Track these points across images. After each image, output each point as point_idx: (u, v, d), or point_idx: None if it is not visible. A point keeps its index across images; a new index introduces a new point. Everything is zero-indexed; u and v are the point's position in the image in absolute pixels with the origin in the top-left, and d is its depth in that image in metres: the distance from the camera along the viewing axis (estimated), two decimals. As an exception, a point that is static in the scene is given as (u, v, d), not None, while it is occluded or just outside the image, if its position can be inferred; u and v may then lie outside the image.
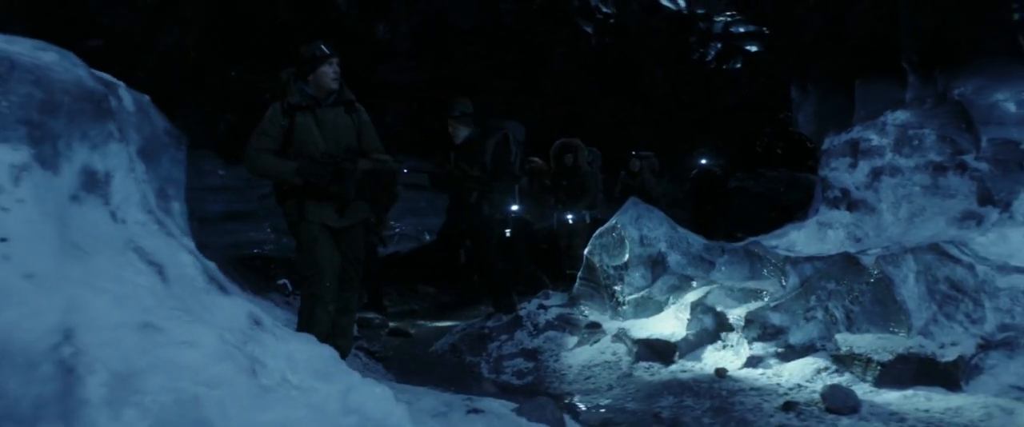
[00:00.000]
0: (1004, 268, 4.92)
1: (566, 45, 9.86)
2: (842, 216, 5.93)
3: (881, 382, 4.75)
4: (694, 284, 6.09)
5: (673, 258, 6.22)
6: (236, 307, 2.46)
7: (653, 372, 5.23)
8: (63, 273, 2.01)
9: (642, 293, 6.36)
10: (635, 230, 6.18)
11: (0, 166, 2.01)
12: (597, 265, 6.55)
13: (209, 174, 9.13)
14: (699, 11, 9.99)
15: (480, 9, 8.55)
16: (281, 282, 7.81)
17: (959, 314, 4.95)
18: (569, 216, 8.96)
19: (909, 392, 4.67)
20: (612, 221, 6.58)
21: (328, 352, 2.56)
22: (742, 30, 11.10)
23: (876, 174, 5.97)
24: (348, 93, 4.54)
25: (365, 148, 4.53)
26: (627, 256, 6.52)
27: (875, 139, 6.04)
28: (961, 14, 6.06)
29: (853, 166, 6.09)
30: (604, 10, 8.71)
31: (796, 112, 7.43)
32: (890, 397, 4.63)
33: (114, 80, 2.74)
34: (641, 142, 9.94)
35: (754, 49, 10.40)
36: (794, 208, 9.59)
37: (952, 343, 4.81)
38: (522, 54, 9.97)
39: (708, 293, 5.67)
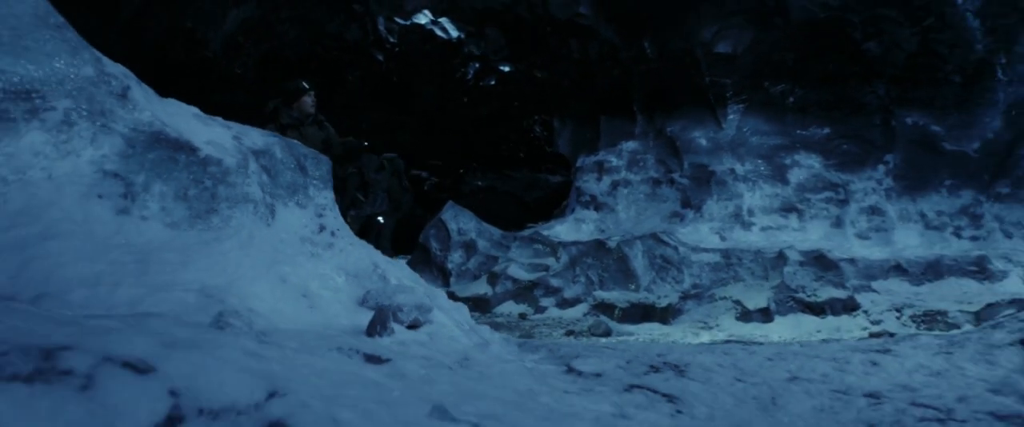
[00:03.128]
0: (696, 249, 9.92)
1: (362, 70, 13.49)
2: (592, 214, 10.61)
3: (622, 320, 9.30)
4: (498, 261, 10.27)
5: (481, 243, 10.23)
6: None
7: (477, 318, 9.38)
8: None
9: (462, 267, 10.28)
10: (454, 224, 10.28)
11: (295, 217, 5.11)
12: (430, 248, 10.62)
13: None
14: (461, 35, 14.52)
15: (305, 45, 11.78)
16: None
17: (669, 278, 9.81)
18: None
19: (641, 325, 9.33)
20: (438, 217, 10.73)
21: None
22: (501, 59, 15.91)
23: (615, 185, 10.80)
24: (319, 115, 7.96)
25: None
26: (451, 241, 10.46)
27: (614, 160, 10.91)
28: (673, 78, 11.33)
29: (599, 179, 10.85)
30: (391, 40, 12.59)
31: (557, 138, 12.28)
32: (629, 328, 9.19)
33: (311, 154, 5.71)
34: (407, 146, 13.88)
35: (506, 69, 15.13)
36: (534, 205, 14.32)
37: (664, 295, 9.62)
38: (330, 78, 13.60)
39: (507, 266, 9.87)
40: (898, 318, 9.09)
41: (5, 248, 2.95)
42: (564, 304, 9.27)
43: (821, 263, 9.53)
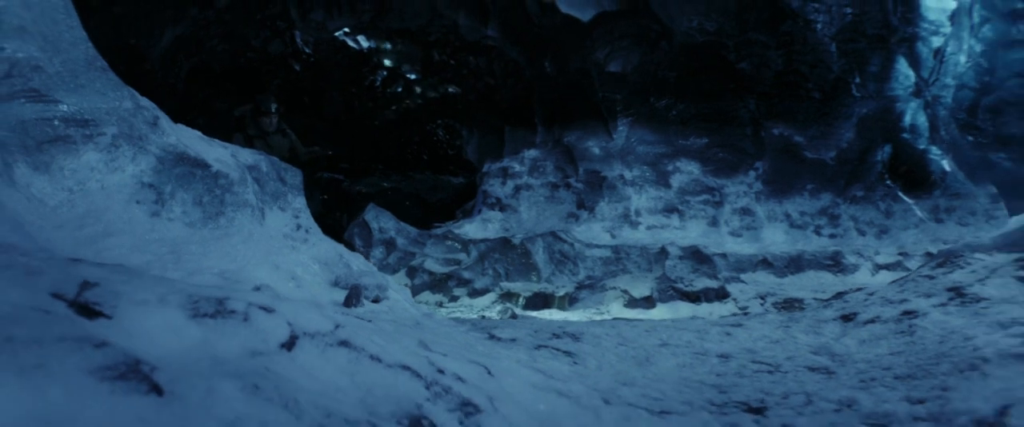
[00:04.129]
0: (590, 245, 11.28)
1: (281, 78, 14.44)
2: (497, 215, 11.84)
3: (526, 307, 10.58)
4: (415, 256, 11.41)
5: (400, 241, 11.34)
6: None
7: (390, 309, 10.66)
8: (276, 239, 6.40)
9: (384, 262, 11.38)
10: (376, 224, 11.34)
11: (278, 219, 6.25)
12: (354, 245, 11.62)
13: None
14: (372, 45, 15.76)
15: (230, 58, 12.72)
16: None
17: (566, 270, 11.14)
18: None
19: (542, 312, 10.61)
20: (362, 217, 11.76)
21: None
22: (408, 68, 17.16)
23: (518, 189, 12.07)
24: (283, 124, 8.93)
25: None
26: (373, 239, 11.53)
27: (517, 167, 12.18)
28: (571, 93, 12.67)
29: (503, 183, 12.09)
30: (306, 50, 13.55)
31: (465, 146, 13.49)
32: (532, 314, 10.46)
33: (288, 167, 6.81)
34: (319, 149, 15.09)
35: (413, 77, 16.27)
36: (438, 205, 15.55)
37: (562, 286, 10.95)
38: (250, 85, 14.68)
39: (424, 261, 11.03)
40: (761, 304, 10.59)
41: (83, 242, 4.01)
42: (475, 294, 10.49)
43: (698, 257, 10.97)
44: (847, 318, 6.90)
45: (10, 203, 3.58)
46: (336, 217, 14.11)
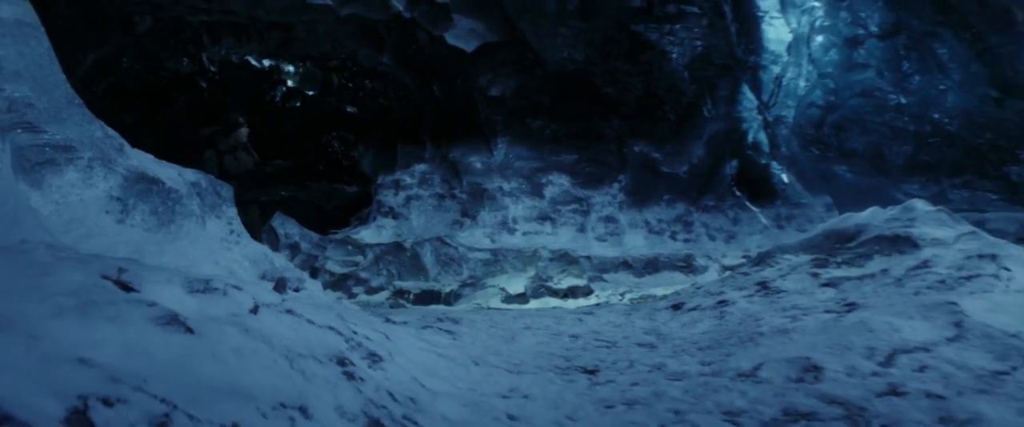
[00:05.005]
0: (472, 249, 12.53)
1: (188, 94, 15.19)
2: (391, 222, 12.98)
3: (416, 302, 11.74)
4: (318, 258, 12.46)
5: (304, 245, 12.34)
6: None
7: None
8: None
9: (290, 263, 12.41)
10: (282, 230, 12.33)
11: (216, 225, 7.28)
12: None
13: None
14: (273, 64, 16.79)
15: (142, 77, 13.53)
16: None
17: (451, 270, 12.37)
18: None
19: (430, 306, 11.82)
20: (269, 224, 12.74)
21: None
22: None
23: (409, 199, 13.25)
24: (247, 142, 9.80)
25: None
26: (280, 243, 12.52)
27: (408, 179, 13.36)
28: (456, 115, 13.94)
29: (396, 194, 13.24)
30: (212, 68, 14.39)
31: (362, 160, 14.60)
32: (422, 308, 11.68)
33: (222, 183, 7.79)
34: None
35: (310, 93, 17.27)
36: (333, 213, 16.59)
37: (448, 284, 12.16)
38: (159, 101, 15.40)
39: (326, 263, 12.10)
40: (620, 299, 12.01)
41: (72, 243, 5.07)
42: (371, 291, 11.63)
43: (566, 259, 12.34)
44: (676, 307, 8.31)
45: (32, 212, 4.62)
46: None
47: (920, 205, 9.43)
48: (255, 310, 3.77)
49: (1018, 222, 13.47)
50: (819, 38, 16.26)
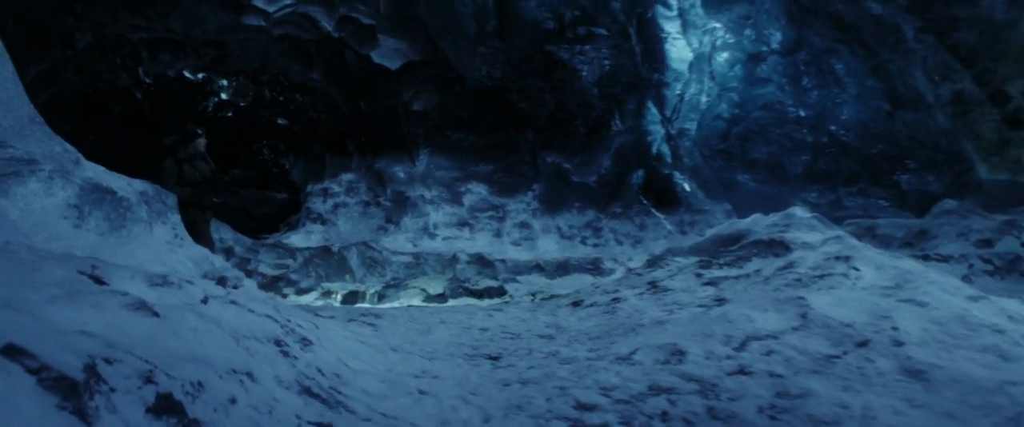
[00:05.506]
0: (395, 253, 13.17)
1: (124, 105, 15.48)
2: (319, 228, 13.55)
3: (343, 303, 12.38)
4: (251, 262, 12.95)
5: (238, 249, 12.80)
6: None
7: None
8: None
9: (225, 265, 12.86)
10: (217, 234, 12.74)
11: (162, 230, 7.82)
12: None
13: None
14: (205, 76, 17.20)
15: (81, 88, 13.90)
16: None
17: (376, 272, 13.00)
18: None
19: (356, 306, 12.42)
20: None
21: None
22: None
23: (336, 206, 13.84)
24: (205, 151, 10.13)
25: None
26: (214, 248, 12.95)
27: (336, 188, 13.95)
28: (382, 128, 14.64)
29: (324, 201, 13.82)
30: (147, 80, 14.77)
31: (292, 169, 15.11)
32: (348, 307, 12.29)
33: (167, 193, 8.29)
34: (155, 168, 16.22)
35: (242, 104, 17.70)
36: (263, 218, 17.05)
37: (373, 285, 12.79)
38: (96, 111, 15.70)
39: (258, 266, 12.61)
40: (532, 299, 12.78)
41: (40, 245, 5.61)
42: (301, 292, 12.20)
43: (482, 262, 13.06)
44: (576, 304, 9.08)
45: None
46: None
47: (798, 212, 10.32)
48: (205, 300, 4.40)
49: (906, 227, 14.11)
50: (724, 55, 16.95)
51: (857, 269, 7.81)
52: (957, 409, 5.04)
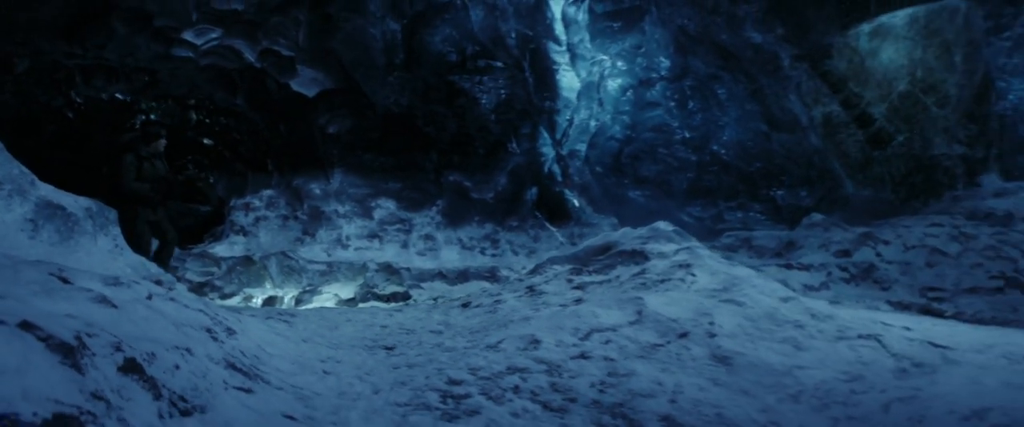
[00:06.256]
0: (311, 262, 13.96)
1: (57, 124, 15.84)
2: (242, 239, 14.24)
3: (264, 305, 13.11)
4: (177, 269, 13.54)
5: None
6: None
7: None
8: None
9: (159, 271, 13.46)
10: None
11: (104, 241, 8.54)
12: None
13: None
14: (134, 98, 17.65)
15: (16, 109, 14.29)
16: None
17: (293, 280, 13.78)
18: None
19: (275, 307, 13.19)
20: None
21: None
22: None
23: (257, 220, 14.56)
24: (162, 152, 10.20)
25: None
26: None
27: (257, 203, 14.67)
28: (300, 149, 15.41)
29: (246, 215, 14.52)
30: (78, 100, 15.21)
31: (217, 185, 15.80)
32: (268, 308, 13.03)
33: (108, 208, 8.91)
34: (84, 184, 16.56)
35: (170, 124, 18.28)
36: (186, 230, 17.56)
37: (290, 291, 13.59)
38: (29, 130, 16.05)
39: (185, 273, 13.25)
40: (433, 302, 13.73)
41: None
42: (225, 296, 12.91)
43: (390, 270, 13.95)
44: (465, 305, 10.04)
45: (-21, 233, 5.91)
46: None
47: (662, 226, 11.32)
48: (150, 297, 5.24)
49: (777, 238, 14.74)
50: (618, 81, 17.74)
51: (694, 275, 8.87)
52: (751, 387, 6.15)
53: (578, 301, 8.51)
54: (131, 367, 3.69)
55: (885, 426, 5.61)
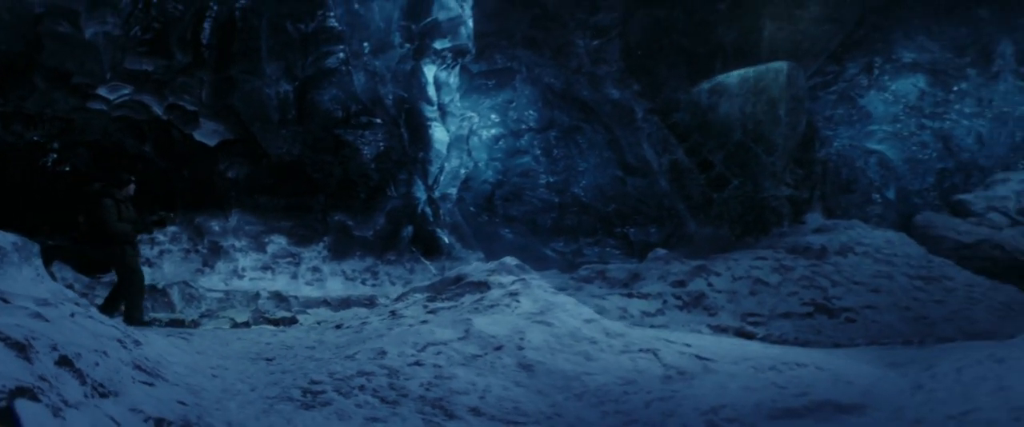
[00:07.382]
0: (210, 290, 14.63)
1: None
2: (148, 269, 14.88)
3: (166, 327, 13.80)
4: (88, 297, 14.03)
5: (77, 286, 13.90)
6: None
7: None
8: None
9: (75, 295, 13.90)
10: (59, 273, 13.86)
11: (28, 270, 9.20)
12: None
13: None
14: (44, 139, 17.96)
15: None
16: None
17: (193, 305, 14.46)
18: None
19: (177, 330, 13.84)
20: (49, 269, 14.09)
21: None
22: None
23: (162, 252, 15.24)
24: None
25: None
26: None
27: (162, 237, 15.31)
28: (199, 191, 16.13)
29: (152, 248, 15.22)
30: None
31: (125, 220, 16.39)
32: (169, 328, 13.71)
33: (32, 244, 9.53)
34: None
35: (80, 165, 18.64)
36: (97, 262, 17.94)
37: (190, 315, 14.28)
38: None
39: (96, 299, 13.76)
40: (317, 325, 14.65)
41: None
42: (129, 320, 13.53)
43: (280, 298, 14.76)
44: (338, 327, 11.03)
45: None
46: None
47: (509, 260, 12.41)
48: (73, 315, 6.18)
49: (627, 271, 15.61)
50: (492, 131, 18.81)
51: (519, 301, 10.06)
52: (545, 388, 7.43)
53: (424, 322, 9.61)
54: (64, 361, 4.69)
55: (645, 419, 6.98)
